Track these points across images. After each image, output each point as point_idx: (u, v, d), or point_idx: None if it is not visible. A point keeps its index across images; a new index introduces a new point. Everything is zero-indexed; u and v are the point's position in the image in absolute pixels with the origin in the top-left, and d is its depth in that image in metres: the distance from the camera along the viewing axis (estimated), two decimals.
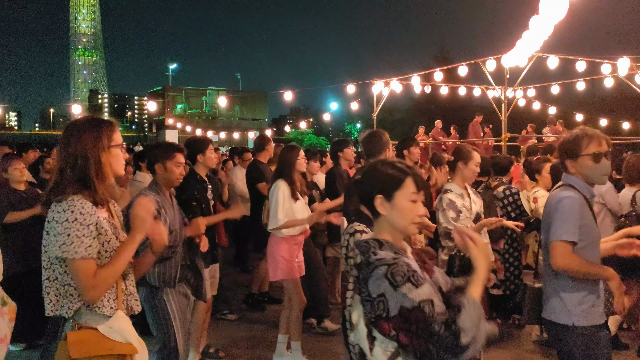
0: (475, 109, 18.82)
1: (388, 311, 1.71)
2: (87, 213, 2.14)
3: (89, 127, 2.28)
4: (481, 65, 12.12)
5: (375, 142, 4.44)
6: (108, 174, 2.28)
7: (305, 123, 35.28)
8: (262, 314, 6.16)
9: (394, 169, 1.98)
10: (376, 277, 1.76)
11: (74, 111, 19.21)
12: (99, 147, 2.25)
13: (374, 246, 1.87)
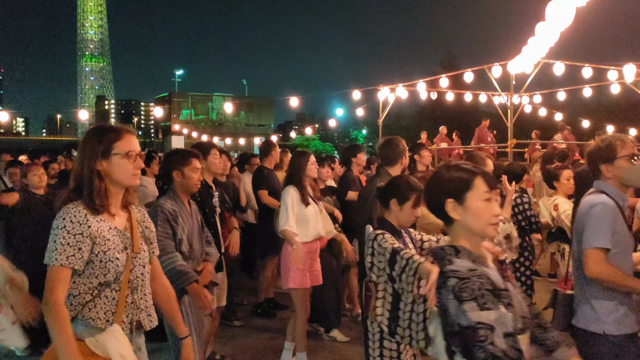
0: (481, 115, 18.79)
1: (452, 325, 1.68)
2: (77, 222, 2.11)
3: (91, 134, 2.27)
4: (487, 71, 12.11)
5: (392, 149, 4.49)
6: (107, 184, 2.21)
7: (310, 129, 35.28)
8: (269, 320, 6.15)
9: (460, 171, 1.90)
10: (446, 289, 1.72)
11: (81, 117, 19.34)
12: (95, 155, 2.20)
13: (450, 253, 1.80)
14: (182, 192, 3.58)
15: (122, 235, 2.24)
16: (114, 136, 2.24)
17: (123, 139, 2.25)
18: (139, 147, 2.32)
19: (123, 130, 2.29)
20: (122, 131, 2.29)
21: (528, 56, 8.56)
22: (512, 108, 11.64)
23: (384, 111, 15.98)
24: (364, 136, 63.19)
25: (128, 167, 2.24)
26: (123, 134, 2.26)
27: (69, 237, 2.08)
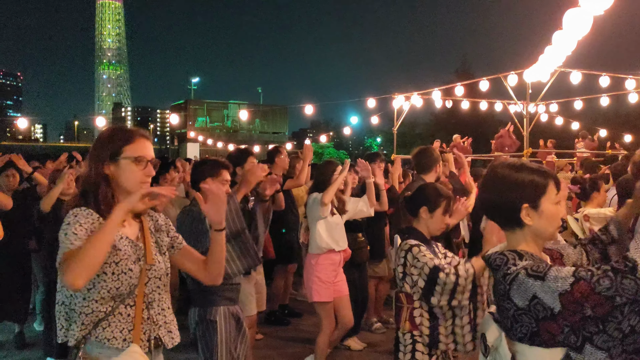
0: (497, 124, 18.69)
1: (551, 309, 1.54)
2: (91, 220, 1.95)
3: (102, 137, 2.10)
4: (503, 80, 12.06)
5: (427, 157, 4.51)
6: (114, 189, 2.05)
7: (325, 137, 35.26)
8: (282, 328, 6.12)
9: (534, 174, 1.77)
10: (519, 284, 1.60)
11: (98, 124, 19.56)
12: (102, 158, 2.03)
13: (513, 258, 1.70)
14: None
15: (134, 246, 2.04)
16: (125, 138, 2.06)
17: (135, 142, 2.07)
18: (152, 153, 2.12)
19: (135, 133, 2.11)
20: (135, 134, 2.10)
21: (545, 65, 8.53)
22: (528, 117, 11.57)
23: (399, 119, 15.96)
24: (378, 144, 63.08)
25: (137, 174, 2.05)
26: (135, 137, 2.08)
27: (82, 230, 1.89)
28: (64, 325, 1.98)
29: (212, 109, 66.13)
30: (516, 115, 13.54)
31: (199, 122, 63.24)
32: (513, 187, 1.76)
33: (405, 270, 2.93)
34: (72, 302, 1.96)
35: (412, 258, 2.89)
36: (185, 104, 65.10)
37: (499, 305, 1.72)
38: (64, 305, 1.98)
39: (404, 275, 2.95)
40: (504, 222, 1.82)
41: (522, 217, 1.75)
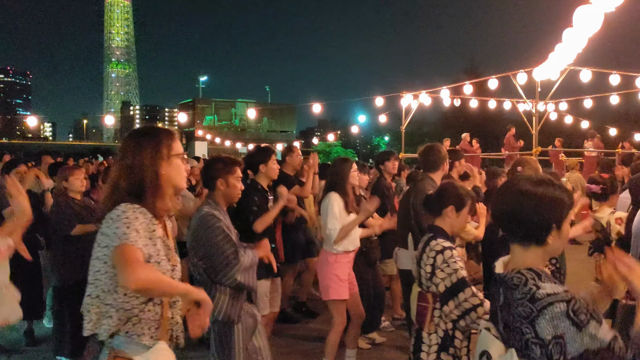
0: (506, 123, 18.58)
1: (565, 354, 1.52)
2: (147, 219, 2.00)
3: (146, 136, 2.12)
4: (512, 78, 11.98)
5: (434, 155, 4.46)
6: (167, 187, 2.10)
7: (333, 135, 35.30)
8: (293, 326, 6.05)
9: (563, 193, 1.73)
10: (552, 317, 1.54)
11: (107, 122, 19.65)
12: (158, 157, 2.08)
13: (532, 278, 1.64)
14: (223, 201, 3.41)
15: (165, 245, 2.09)
16: (171, 137, 2.15)
17: (176, 140, 2.17)
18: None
19: (174, 132, 2.20)
20: (174, 132, 2.20)
21: (554, 63, 8.45)
22: (537, 115, 11.51)
23: (407, 118, 15.92)
24: (386, 143, 63.05)
25: (182, 169, 2.17)
26: (175, 135, 2.18)
27: (139, 224, 1.95)
28: (93, 318, 1.97)
29: (220, 107, 66.38)
30: (525, 113, 13.46)
31: (206, 121, 63.51)
32: (549, 206, 1.70)
33: (433, 270, 2.90)
34: (110, 297, 1.95)
35: (442, 261, 2.87)
36: (193, 102, 65.39)
37: (510, 325, 1.66)
38: (97, 299, 1.97)
39: (432, 275, 2.91)
40: (523, 238, 1.75)
41: (551, 235, 1.71)
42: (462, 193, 3.12)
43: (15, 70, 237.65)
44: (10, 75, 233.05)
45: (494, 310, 1.81)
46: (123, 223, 1.91)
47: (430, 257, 2.93)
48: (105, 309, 1.95)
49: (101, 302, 1.96)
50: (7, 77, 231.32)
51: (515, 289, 1.65)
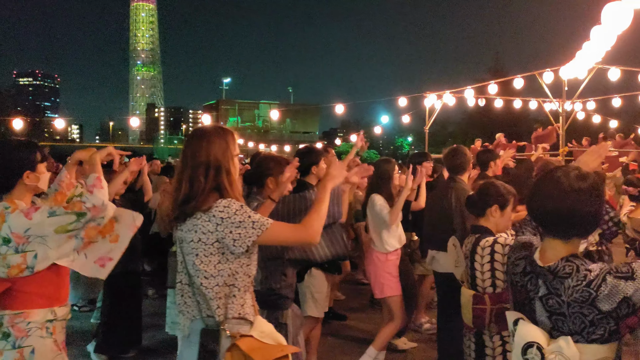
0: (532, 123, 18.33)
1: (634, 305, 1.64)
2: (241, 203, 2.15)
3: (217, 135, 2.22)
4: (538, 77, 11.80)
5: (461, 158, 4.46)
6: (238, 183, 2.23)
7: (355, 136, 35.23)
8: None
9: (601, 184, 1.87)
10: (610, 289, 1.65)
11: (132, 124, 19.94)
12: (228, 155, 2.19)
13: (581, 264, 1.74)
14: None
15: None
16: (234, 138, 2.27)
17: (235, 139, 2.29)
18: None
19: (235, 133, 2.32)
20: (236, 133, 2.32)
21: (582, 61, 8.30)
22: (564, 115, 11.31)
23: (431, 118, 15.80)
24: (409, 143, 62.74)
25: (238, 169, 2.29)
26: (234, 135, 2.30)
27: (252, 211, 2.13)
28: (222, 304, 2.12)
29: (244, 108, 66.90)
30: (552, 113, 13.25)
31: (230, 122, 64.04)
32: (597, 198, 1.78)
33: (493, 266, 2.87)
34: (231, 279, 2.12)
35: (501, 247, 2.85)
36: (217, 104, 66.06)
37: (566, 312, 1.72)
38: (225, 285, 2.12)
39: (492, 272, 2.88)
40: (566, 232, 1.81)
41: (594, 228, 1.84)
42: (504, 191, 3.12)
43: (43, 74, 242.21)
44: (39, 78, 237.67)
45: (525, 300, 1.85)
46: (243, 213, 2.10)
47: (486, 256, 2.89)
48: (229, 289, 2.12)
49: (226, 284, 2.12)
50: (35, 80, 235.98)
51: (568, 277, 1.72)
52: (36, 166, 2.66)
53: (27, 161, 2.64)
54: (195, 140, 2.20)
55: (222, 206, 2.08)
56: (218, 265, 2.10)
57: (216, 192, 2.14)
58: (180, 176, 2.17)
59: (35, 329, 2.56)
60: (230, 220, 2.07)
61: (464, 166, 4.48)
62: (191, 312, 2.18)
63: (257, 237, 2.08)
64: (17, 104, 39.20)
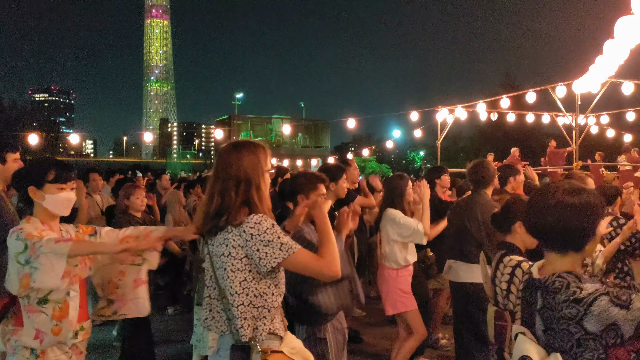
0: (544, 137, 18.22)
1: (622, 336, 1.61)
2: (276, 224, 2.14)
3: (247, 150, 2.22)
4: (550, 91, 11.76)
5: (486, 172, 4.45)
6: (268, 198, 2.21)
7: (367, 150, 35.23)
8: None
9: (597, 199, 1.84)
10: (600, 311, 1.62)
11: (146, 139, 20.10)
12: (259, 170, 2.19)
13: (574, 280, 1.73)
14: (307, 217, 3.37)
15: None
16: (265, 153, 2.26)
17: (268, 155, 2.28)
18: None
19: (267, 148, 2.31)
20: (268, 149, 2.31)
21: (595, 75, 8.27)
22: (577, 129, 11.25)
23: (443, 133, 15.77)
24: (421, 158, 62.61)
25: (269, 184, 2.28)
26: (269, 152, 2.29)
27: (282, 232, 2.12)
28: (250, 324, 2.10)
29: (256, 123, 67.13)
30: (565, 127, 13.18)
31: (242, 137, 64.19)
32: (588, 214, 1.79)
33: (510, 287, 2.84)
34: (260, 300, 2.11)
35: (521, 274, 2.80)
36: (229, 119, 66.34)
37: (555, 327, 1.72)
38: (250, 305, 2.10)
39: (508, 292, 2.85)
40: (561, 246, 1.83)
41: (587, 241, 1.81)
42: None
43: (59, 90, 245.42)
44: (55, 94, 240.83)
45: (528, 314, 1.87)
46: (273, 234, 2.09)
47: (505, 274, 2.87)
48: (258, 311, 2.11)
49: (254, 306, 2.10)
50: (51, 96, 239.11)
51: (558, 293, 1.72)
52: (44, 184, 2.63)
53: (32, 176, 2.65)
54: (227, 154, 2.20)
55: (254, 222, 2.08)
56: (243, 282, 2.09)
57: (246, 207, 2.13)
58: (212, 189, 2.18)
59: (21, 348, 2.54)
60: (259, 238, 2.06)
61: (487, 180, 4.46)
62: (220, 327, 2.16)
63: (283, 259, 2.07)
64: (32, 120, 39.97)
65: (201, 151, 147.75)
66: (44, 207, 2.65)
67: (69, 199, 2.70)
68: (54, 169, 2.67)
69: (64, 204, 2.69)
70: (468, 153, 39.44)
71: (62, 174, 2.68)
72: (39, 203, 2.65)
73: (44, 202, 2.64)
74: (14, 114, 37.30)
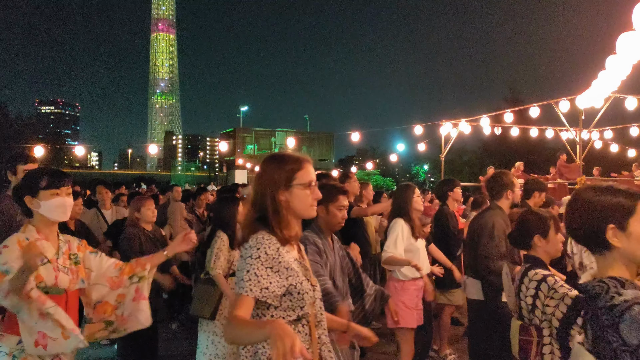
0: (548, 152, 18.20)
1: None
2: (271, 256, 1.98)
3: (271, 162, 2.13)
4: (554, 106, 11.78)
5: (494, 183, 4.44)
6: (287, 214, 2.07)
7: (371, 164, 35.22)
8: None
9: (620, 195, 1.75)
10: (633, 320, 1.52)
11: (150, 151, 20.17)
12: (277, 183, 2.06)
13: (614, 285, 1.64)
14: (325, 227, 3.35)
15: (302, 266, 2.11)
16: (295, 167, 2.10)
17: (303, 168, 2.12)
18: (315, 176, 2.18)
19: (304, 160, 2.15)
20: (303, 161, 2.15)
21: (598, 90, 8.30)
22: (581, 144, 11.25)
23: (447, 146, 15.78)
24: (425, 171, 62.52)
25: (308, 199, 2.11)
26: (304, 164, 2.13)
27: (263, 269, 1.95)
28: (249, 348, 2.02)
29: (260, 136, 67.22)
30: (569, 142, 13.18)
31: (247, 150, 64.35)
32: (596, 209, 1.74)
33: (535, 302, 2.82)
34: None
35: (547, 289, 2.78)
36: (234, 132, 66.46)
37: (597, 335, 1.65)
38: None
39: (533, 306, 2.83)
40: (592, 246, 1.78)
41: (608, 238, 1.71)
42: (541, 217, 3.08)
43: (65, 102, 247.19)
44: (60, 106, 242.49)
45: (584, 322, 1.80)
46: (249, 265, 1.95)
47: (530, 288, 2.84)
48: None
49: None
50: (57, 108, 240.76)
51: (597, 298, 1.65)
52: (38, 192, 2.65)
53: (26, 186, 2.68)
54: (260, 166, 2.16)
55: (248, 245, 2.01)
56: None
57: (260, 223, 2.05)
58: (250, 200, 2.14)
59: (3, 354, 2.52)
60: (241, 262, 2.00)
61: (498, 191, 4.39)
62: None
63: (236, 294, 1.97)
64: (38, 132, 40.20)
65: (206, 164, 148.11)
66: (41, 216, 2.67)
67: (64, 204, 2.71)
68: (46, 176, 2.69)
69: (60, 209, 2.70)
70: (472, 167, 39.36)
71: (54, 180, 2.70)
72: (36, 211, 2.67)
73: (40, 209, 2.66)
74: (19, 125, 37.42)
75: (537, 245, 3.03)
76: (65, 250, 2.77)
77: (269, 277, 1.96)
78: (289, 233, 2.06)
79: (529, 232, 3.05)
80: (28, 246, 2.52)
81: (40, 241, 2.64)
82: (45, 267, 2.60)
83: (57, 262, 2.68)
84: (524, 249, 3.10)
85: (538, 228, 3.04)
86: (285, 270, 2.00)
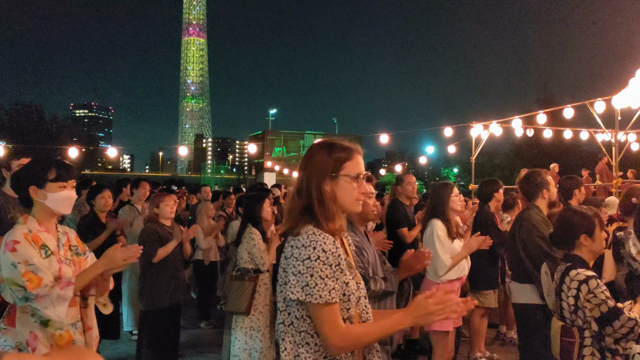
0: (583, 154, 17.80)
1: None
2: (330, 251, 1.83)
3: (320, 149, 1.99)
4: (589, 107, 11.48)
5: (527, 183, 4.35)
6: (331, 205, 1.91)
7: (400, 166, 34.97)
8: None
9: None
10: None
11: (181, 153, 20.36)
12: (323, 172, 1.92)
13: None
14: (358, 221, 3.20)
15: (347, 264, 1.95)
16: (344, 156, 1.96)
17: (353, 159, 1.98)
18: (363, 169, 2.02)
19: (353, 150, 2.00)
20: (353, 151, 2.00)
21: (636, 90, 8.07)
22: (617, 146, 10.95)
23: (477, 149, 15.54)
24: (455, 174, 61.84)
25: (354, 192, 1.96)
26: (353, 154, 1.99)
27: (326, 268, 1.81)
28: (287, 347, 1.88)
29: (289, 139, 67.58)
30: (604, 144, 12.86)
31: (275, 152, 64.77)
32: None
33: (577, 302, 2.77)
34: (304, 323, 1.86)
35: (587, 291, 2.74)
36: (263, 134, 66.95)
37: None
38: (291, 327, 1.89)
39: (575, 307, 2.78)
40: None
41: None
42: (587, 216, 3.01)
43: (98, 106, 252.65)
44: (94, 110, 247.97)
45: None
46: (308, 267, 1.80)
47: (572, 289, 2.79)
48: (300, 336, 1.86)
49: (295, 330, 1.87)
50: (91, 112, 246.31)
51: None
52: (45, 183, 2.64)
53: (32, 176, 2.65)
54: (308, 151, 2.02)
55: (301, 244, 1.84)
56: (288, 300, 1.89)
57: (306, 215, 1.90)
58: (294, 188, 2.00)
59: (9, 348, 2.48)
60: (291, 262, 1.84)
61: (534, 192, 4.29)
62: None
63: (299, 300, 1.82)
64: (72, 134, 41.09)
65: (235, 166, 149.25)
66: (44, 207, 2.66)
67: (70, 197, 2.71)
68: (55, 168, 2.68)
69: (67, 202, 2.70)
70: (504, 170, 38.68)
71: (63, 173, 2.69)
72: (39, 202, 2.65)
73: (46, 200, 2.64)
74: (55, 128, 38.30)
75: (583, 244, 2.96)
76: (65, 242, 2.75)
77: (334, 275, 1.83)
78: (334, 226, 1.90)
79: (575, 231, 2.99)
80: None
81: (41, 232, 2.62)
82: (49, 260, 2.58)
83: (59, 254, 2.66)
84: (568, 249, 3.02)
85: (584, 227, 2.97)
86: (339, 268, 1.86)
